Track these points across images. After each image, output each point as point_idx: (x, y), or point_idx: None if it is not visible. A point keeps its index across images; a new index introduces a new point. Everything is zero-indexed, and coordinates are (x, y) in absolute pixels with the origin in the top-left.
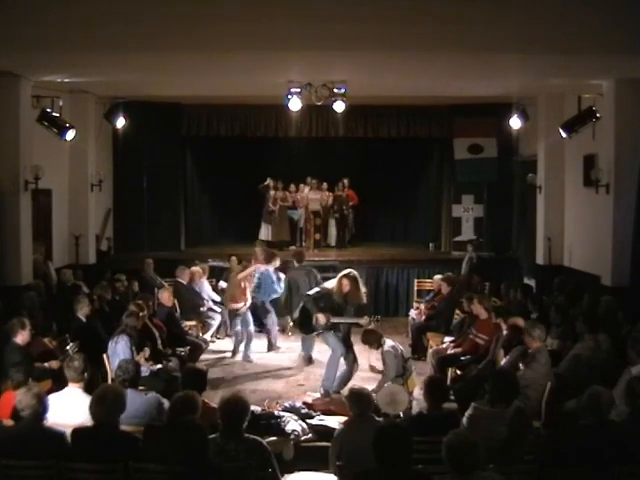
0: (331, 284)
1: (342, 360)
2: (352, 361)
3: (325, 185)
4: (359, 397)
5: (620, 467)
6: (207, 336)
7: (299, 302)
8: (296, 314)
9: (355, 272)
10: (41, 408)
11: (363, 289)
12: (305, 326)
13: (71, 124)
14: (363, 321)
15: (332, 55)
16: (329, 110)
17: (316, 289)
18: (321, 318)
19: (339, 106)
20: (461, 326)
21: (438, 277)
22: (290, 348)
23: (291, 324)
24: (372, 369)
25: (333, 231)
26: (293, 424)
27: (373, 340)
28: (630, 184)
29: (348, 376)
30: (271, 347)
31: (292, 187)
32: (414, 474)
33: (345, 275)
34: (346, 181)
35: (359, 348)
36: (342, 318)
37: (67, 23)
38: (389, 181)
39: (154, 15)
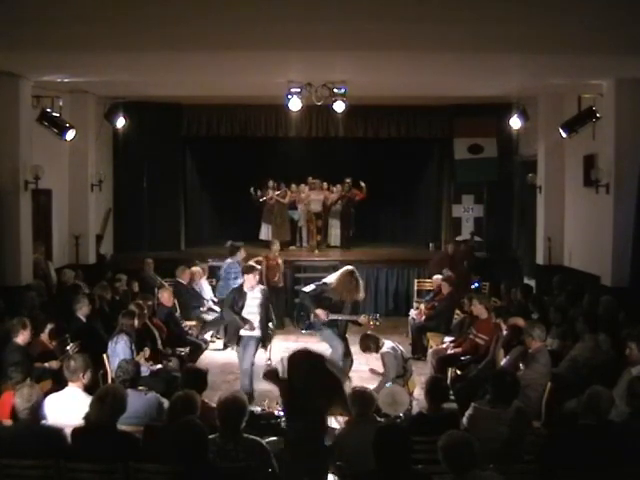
0: (329, 280)
1: None
2: (348, 360)
3: (325, 185)
4: (361, 397)
5: (620, 467)
6: (207, 336)
7: None
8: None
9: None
10: (38, 406)
11: (362, 284)
12: (303, 323)
13: (71, 124)
14: (362, 319)
15: (332, 55)
16: (329, 110)
17: (312, 286)
18: (320, 314)
19: (339, 106)
20: (461, 326)
21: (438, 277)
22: (290, 348)
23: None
24: (372, 372)
25: (334, 231)
26: None
27: (371, 345)
28: (630, 184)
29: (345, 375)
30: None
31: (293, 187)
32: (414, 474)
33: (350, 272)
34: (349, 181)
35: (358, 349)
36: (340, 315)
37: (67, 23)
38: (389, 181)
39: (154, 15)
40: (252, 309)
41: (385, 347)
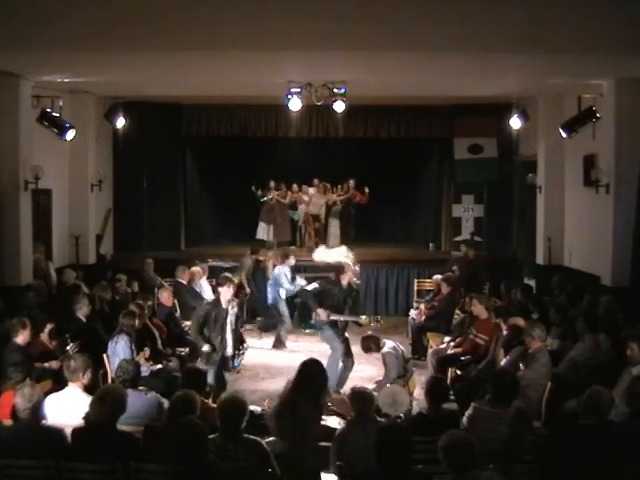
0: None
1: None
2: (349, 360)
3: (329, 186)
4: (361, 397)
5: (620, 467)
6: None
7: None
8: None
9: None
10: (38, 406)
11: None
12: (304, 322)
13: (71, 124)
14: (363, 320)
15: (332, 55)
16: (329, 110)
17: (314, 284)
18: (321, 314)
19: (339, 106)
20: (461, 326)
21: (438, 277)
22: (290, 348)
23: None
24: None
25: (334, 231)
26: None
27: (372, 345)
28: (630, 184)
29: (346, 375)
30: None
31: (294, 187)
32: (414, 474)
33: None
34: (352, 182)
35: (358, 349)
36: (341, 315)
37: (67, 23)
38: (389, 181)
39: (154, 15)
40: (229, 326)
41: (386, 347)
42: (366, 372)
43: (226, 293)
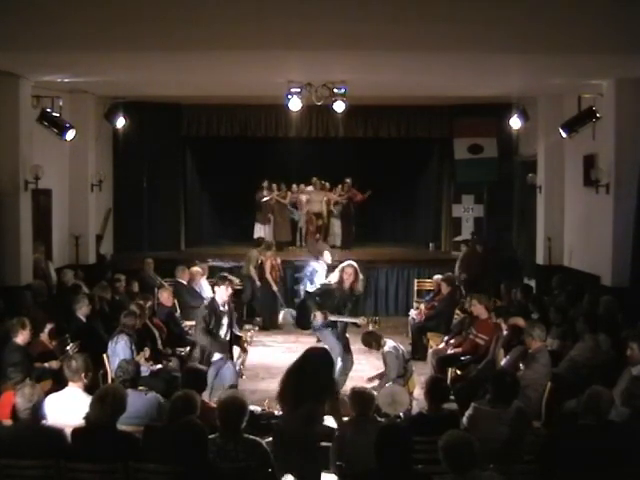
0: (332, 278)
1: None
2: (348, 359)
3: (327, 185)
4: (361, 397)
5: (620, 467)
6: None
7: None
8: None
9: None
10: (39, 406)
11: (361, 277)
12: (302, 322)
13: (71, 124)
14: (361, 321)
15: (332, 55)
16: (329, 110)
17: (316, 285)
18: (319, 315)
19: (339, 106)
20: (461, 326)
21: (438, 277)
22: (290, 348)
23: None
24: (370, 380)
25: (334, 231)
26: None
27: (373, 341)
28: (630, 184)
29: (345, 375)
30: None
31: (294, 187)
32: (414, 474)
33: (348, 265)
34: (349, 181)
35: (360, 348)
36: (340, 317)
37: (67, 23)
38: (389, 181)
39: (154, 15)
40: (225, 328)
41: (387, 346)
42: (366, 372)
43: (222, 293)
